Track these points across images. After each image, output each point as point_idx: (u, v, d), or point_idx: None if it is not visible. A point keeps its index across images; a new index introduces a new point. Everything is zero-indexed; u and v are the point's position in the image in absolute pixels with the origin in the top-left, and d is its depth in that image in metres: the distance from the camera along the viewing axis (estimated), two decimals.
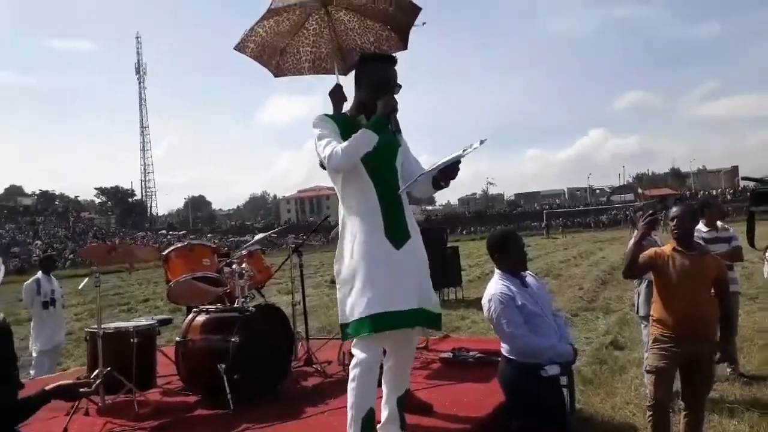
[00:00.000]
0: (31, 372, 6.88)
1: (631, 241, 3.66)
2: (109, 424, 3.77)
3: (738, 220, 13.95)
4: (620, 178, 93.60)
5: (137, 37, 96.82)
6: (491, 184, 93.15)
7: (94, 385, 2.27)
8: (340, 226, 2.84)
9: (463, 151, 2.61)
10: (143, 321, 4.80)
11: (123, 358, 4.20)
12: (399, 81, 2.84)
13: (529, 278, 3.31)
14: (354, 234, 2.75)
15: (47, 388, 2.17)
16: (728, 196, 56.86)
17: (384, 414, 2.88)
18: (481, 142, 2.58)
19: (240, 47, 3.64)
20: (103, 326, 4.25)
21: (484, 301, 3.23)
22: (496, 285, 3.19)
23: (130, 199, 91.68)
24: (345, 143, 2.66)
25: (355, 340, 2.76)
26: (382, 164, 2.84)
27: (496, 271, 3.30)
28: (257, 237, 5.20)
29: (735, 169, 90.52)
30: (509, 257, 3.25)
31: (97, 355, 4.12)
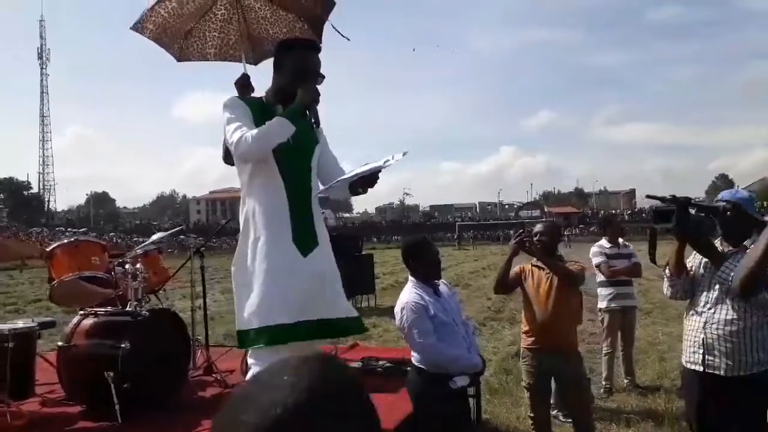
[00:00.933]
0: None
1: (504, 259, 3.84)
2: None
3: (635, 239, 14.76)
4: (528, 194, 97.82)
5: (40, 20, 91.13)
6: (408, 194, 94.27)
7: None
8: (241, 224, 2.61)
9: (384, 162, 2.49)
10: (20, 323, 4.35)
11: None
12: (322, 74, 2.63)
13: (442, 287, 3.26)
14: (257, 235, 2.54)
15: None
16: (626, 217, 60.53)
17: None
18: (404, 154, 2.49)
19: (138, 27, 3.38)
20: None
21: (397, 310, 3.17)
22: (409, 293, 3.14)
23: (25, 192, 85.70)
24: (256, 130, 2.45)
25: (250, 350, 2.58)
26: (296, 161, 2.65)
27: (410, 278, 3.24)
28: (155, 236, 4.86)
29: (633, 192, 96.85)
30: (423, 265, 3.20)
31: None
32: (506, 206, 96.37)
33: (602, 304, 5.66)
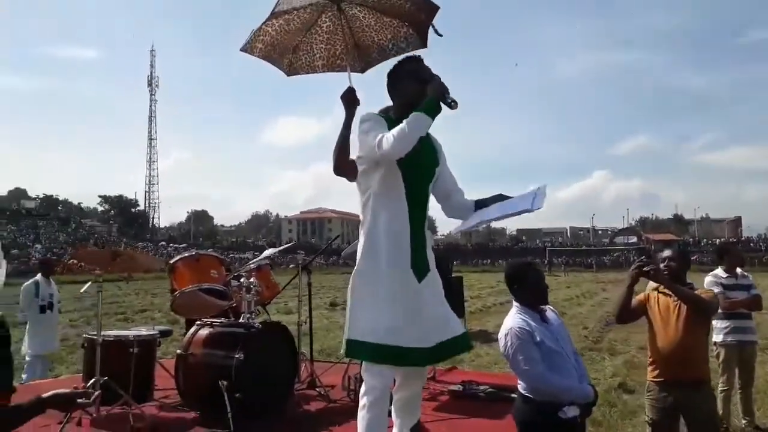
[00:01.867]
0: (23, 376, 6.69)
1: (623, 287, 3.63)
2: None
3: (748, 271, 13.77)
4: (624, 220, 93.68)
5: (151, 50, 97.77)
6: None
7: (92, 397, 2.11)
8: (363, 240, 2.67)
9: (529, 206, 2.50)
10: (144, 330, 4.64)
11: (121, 367, 4.04)
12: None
13: (549, 313, 3.15)
14: (380, 255, 2.59)
15: (43, 396, 2.02)
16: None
17: None
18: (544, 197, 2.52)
19: (247, 48, 3.54)
20: (102, 333, 4.09)
21: (501, 335, 3.07)
22: (513, 319, 3.04)
23: (133, 209, 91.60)
24: (396, 128, 2.53)
25: (365, 365, 2.61)
26: (420, 186, 2.71)
27: (514, 304, 3.15)
28: (267, 252, 5.06)
29: (738, 220, 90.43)
30: (528, 289, 3.10)
31: (94, 362, 3.96)
32: (599, 231, 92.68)
33: (718, 338, 5.31)
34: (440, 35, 3.45)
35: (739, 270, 5.41)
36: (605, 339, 10.89)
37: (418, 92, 2.63)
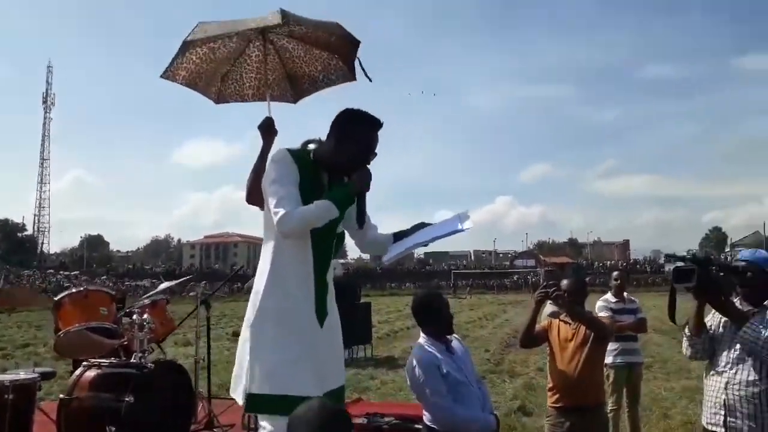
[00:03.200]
0: None
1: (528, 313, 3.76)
2: None
3: (630, 292, 14.72)
4: (523, 244, 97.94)
5: (48, 66, 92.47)
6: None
7: None
8: (264, 280, 2.52)
9: (458, 227, 2.51)
10: (22, 374, 4.26)
11: None
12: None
13: (455, 343, 3.22)
14: (282, 299, 2.47)
15: None
16: (621, 268, 60.51)
17: None
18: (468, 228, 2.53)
19: (168, 75, 3.43)
20: None
21: (408, 368, 3.12)
22: (421, 351, 3.09)
23: (19, 234, 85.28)
24: (303, 209, 2.38)
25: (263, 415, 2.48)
26: (327, 235, 2.60)
27: (422, 334, 3.20)
28: (163, 285, 4.82)
29: (627, 243, 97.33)
30: (435, 320, 3.16)
31: None
32: (500, 255, 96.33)
33: (608, 360, 5.59)
34: (370, 80, 3.46)
35: (625, 294, 5.76)
36: (506, 361, 11.23)
37: (349, 161, 2.50)
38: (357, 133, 2.53)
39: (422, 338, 3.17)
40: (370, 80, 3.42)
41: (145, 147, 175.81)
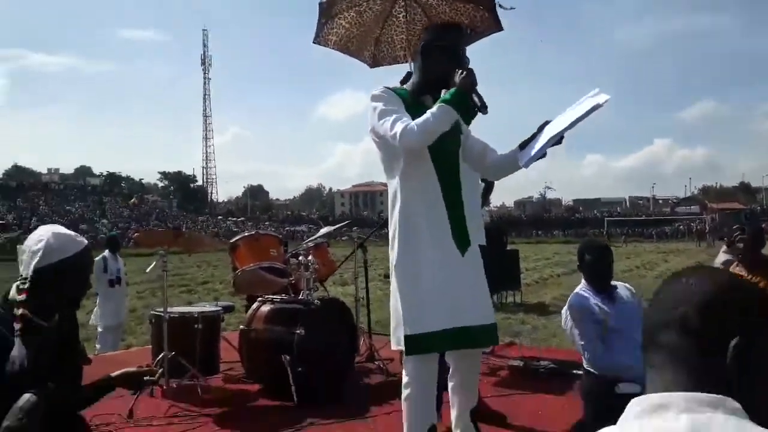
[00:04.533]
0: (97, 346, 7.05)
1: None
2: (173, 408, 3.75)
3: None
4: (686, 189, 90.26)
5: (204, 30, 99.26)
6: (549, 188, 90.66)
7: (157, 375, 2.21)
8: (397, 220, 2.47)
9: (596, 102, 2.27)
10: (208, 307, 4.79)
11: (187, 342, 4.19)
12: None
13: (622, 292, 3.11)
14: (415, 235, 2.42)
15: (112, 375, 2.13)
16: None
17: (458, 428, 2.64)
18: (606, 101, 2.29)
19: (320, 41, 3.55)
20: (168, 310, 4.25)
21: (563, 311, 3.13)
22: (576, 295, 3.08)
23: (191, 185, 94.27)
24: (420, 120, 2.33)
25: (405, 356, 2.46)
26: (449, 155, 2.52)
27: (582, 280, 3.13)
28: (323, 230, 5.11)
29: None
30: (591, 268, 3.09)
31: (161, 338, 4.12)
32: (659, 201, 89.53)
33: None
34: (512, 8, 3.33)
35: None
36: None
37: (446, 73, 2.41)
38: (439, 42, 2.48)
39: (582, 283, 3.13)
40: (512, 8, 3.26)
41: (292, 103, 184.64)
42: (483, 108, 2.43)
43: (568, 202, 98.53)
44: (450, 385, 2.66)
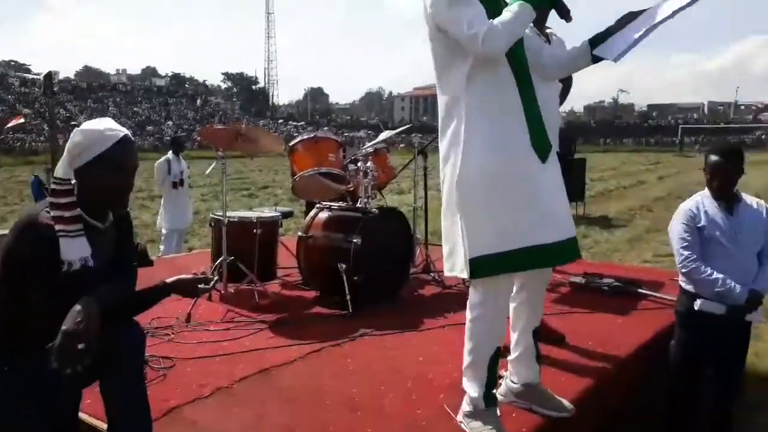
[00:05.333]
0: (161, 248, 7.29)
1: None
2: (231, 313, 3.81)
3: None
4: None
5: None
6: (623, 91, 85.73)
7: (212, 282, 2.18)
8: (461, 127, 2.16)
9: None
10: (266, 212, 4.78)
11: (245, 247, 4.21)
12: None
13: (752, 207, 2.90)
14: (489, 142, 2.14)
15: (168, 281, 2.09)
16: None
17: (518, 350, 2.52)
18: None
19: None
20: (227, 214, 4.24)
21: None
22: (691, 199, 2.98)
23: (253, 87, 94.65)
24: (501, 20, 2.06)
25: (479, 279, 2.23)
26: (519, 47, 2.22)
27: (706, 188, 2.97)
28: (383, 135, 4.90)
29: None
30: (709, 175, 2.89)
31: (220, 242, 4.14)
32: (742, 107, 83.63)
33: None
34: None
35: None
36: None
37: None
38: None
39: (704, 190, 2.96)
40: None
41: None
42: (566, 13, 2.14)
43: (642, 108, 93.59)
44: (514, 302, 2.49)
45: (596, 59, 2.27)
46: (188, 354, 3.08)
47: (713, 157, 2.87)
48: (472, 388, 2.31)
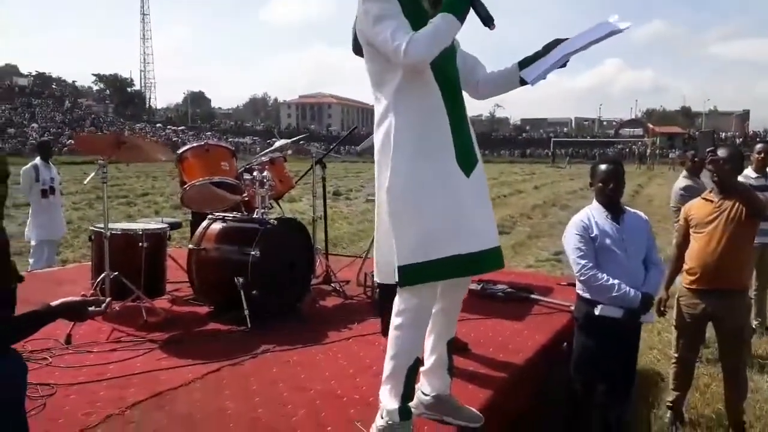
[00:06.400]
0: (30, 261, 6.64)
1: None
2: (116, 332, 3.51)
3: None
4: (631, 111, 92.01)
5: None
6: (498, 106, 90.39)
7: (104, 305, 1.96)
8: (391, 138, 2.19)
9: (615, 27, 2.14)
10: (152, 223, 4.47)
11: (131, 261, 3.90)
12: None
13: (634, 217, 3.09)
14: (418, 155, 2.18)
15: (54, 305, 1.87)
16: (738, 141, 55.95)
17: (431, 359, 2.52)
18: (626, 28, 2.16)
19: None
20: (110, 227, 3.91)
21: (567, 227, 3.14)
22: (581, 212, 3.12)
23: (128, 89, 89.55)
24: (424, 31, 2.07)
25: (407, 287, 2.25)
26: (449, 66, 2.27)
27: (594, 200, 3.14)
28: (280, 143, 4.76)
29: (746, 114, 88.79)
30: (597, 188, 3.07)
31: (102, 256, 3.81)
32: (604, 123, 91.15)
33: None
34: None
35: None
36: None
37: None
38: None
39: (593, 202, 3.13)
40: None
41: (236, 4, 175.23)
42: (488, 21, 2.15)
43: (516, 122, 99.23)
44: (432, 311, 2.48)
45: (523, 81, 2.37)
46: (70, 379, 2.80)
47: (604, 166, 3.05)
48: (389, 401, 2.27)
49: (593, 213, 3.06)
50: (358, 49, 2.67)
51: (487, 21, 2.14)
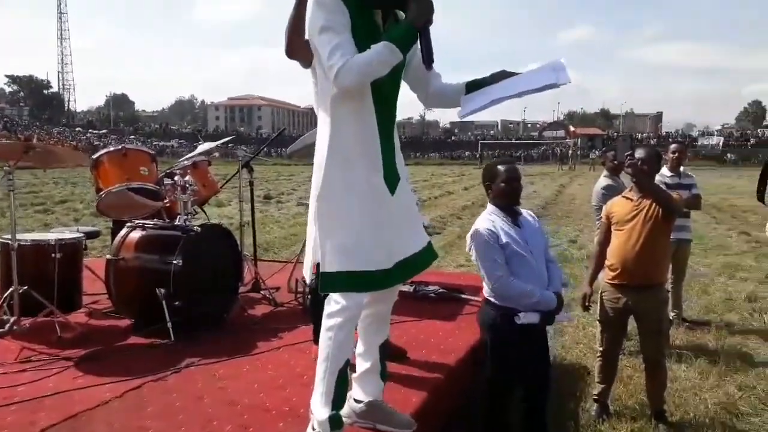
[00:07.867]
0: None
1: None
2: (26, 351, 3.27)
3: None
4: (554, 114, 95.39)
5: None
6: (428, 109, 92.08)
7: (8, 326, 1.78)
8: (326, 146, 2.23)
9: (554, 80, 2.20)
10: (67, 233, 4.21)
11: (43, 274, 3.66)
12: None
13: (527, 217, 3.03)
14: (349, 168, 2.21)
15: None
16: (652, 142, 59.09)
17: (365, 365, 2.49)
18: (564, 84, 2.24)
19: None
20: (18, 237, 3.64)
21: (468, 236, 3.00)
22: (482, 220, 2.98)
23: (45, 91, 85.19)
24: (361, 57, 2.05)
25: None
26: (390, 87, 2.28)
27: (488, 204, 3.04)
28: (204, 146, 4.58)
29: (659, 116, 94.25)
30: (498, 190, 2.95)
31: (10, 270, 3.54)
32: (529, 125, 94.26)
33: None
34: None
35: (682, 169, 5.44)
36: None
37: None
38: None
39: (488, 207, 3.03)
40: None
41: (162, 4, 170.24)
42: (429, 61, 2.18)
43: (445, 125, 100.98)
44: (362, 315, 2.44)
45: None
46: None
47: (504, 166, 2.98)
48: (320, 409, 2.24)
49: (494, 219, 2.95)
50: (290, 52, 2.61)
51: (428, 60, 2.19)
